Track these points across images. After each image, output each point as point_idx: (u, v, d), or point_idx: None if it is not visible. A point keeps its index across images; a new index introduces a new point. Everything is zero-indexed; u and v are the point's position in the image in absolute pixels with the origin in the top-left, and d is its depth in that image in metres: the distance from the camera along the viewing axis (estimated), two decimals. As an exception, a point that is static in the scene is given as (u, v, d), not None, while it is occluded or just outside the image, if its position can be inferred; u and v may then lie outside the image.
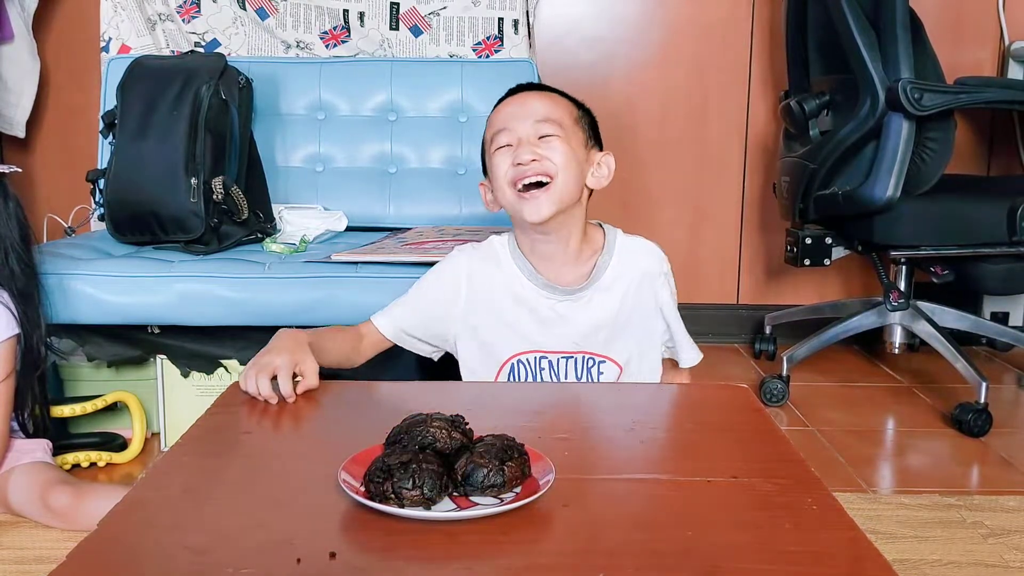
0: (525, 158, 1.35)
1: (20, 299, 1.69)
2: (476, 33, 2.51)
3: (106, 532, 0.82)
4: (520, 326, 1.43)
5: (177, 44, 2.49)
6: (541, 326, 1.42)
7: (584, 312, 1.42)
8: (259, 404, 1.14)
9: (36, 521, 1.62)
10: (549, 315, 1.42)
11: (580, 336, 1.42)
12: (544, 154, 1.35)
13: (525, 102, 1.41)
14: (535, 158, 1.34)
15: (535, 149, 1.35)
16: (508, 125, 1.38)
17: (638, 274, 1.44)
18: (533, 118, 1.37)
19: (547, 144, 1.36)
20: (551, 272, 1.42)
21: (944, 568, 1.49)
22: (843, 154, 2.17)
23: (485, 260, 1.47)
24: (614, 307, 1.42)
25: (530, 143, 1.36)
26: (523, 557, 0.78)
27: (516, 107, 1.40)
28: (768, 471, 0.95)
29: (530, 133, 1.37)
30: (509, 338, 1.44)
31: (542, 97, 1.42)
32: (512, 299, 1.43)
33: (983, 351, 2.75)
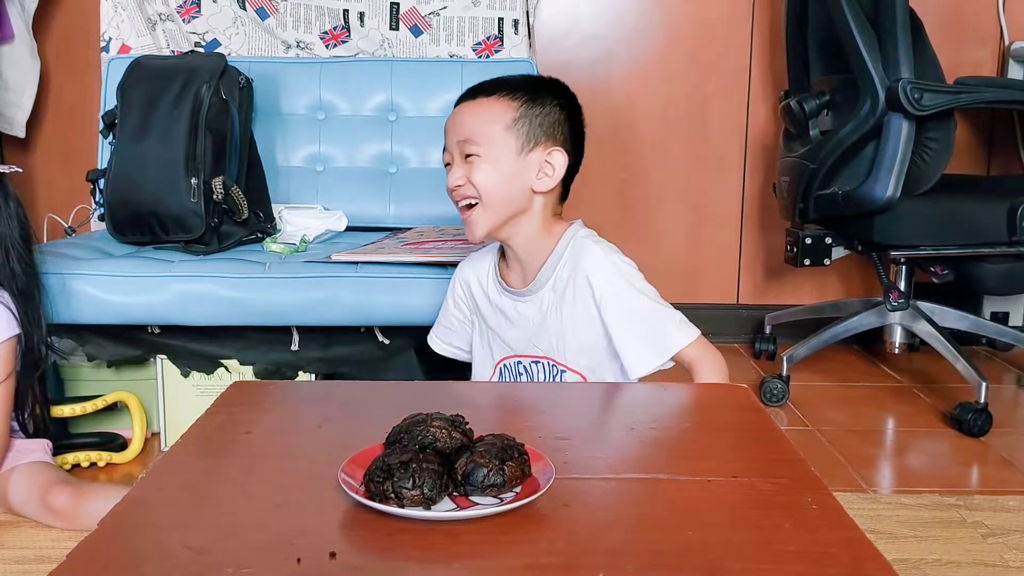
0: (449, 183, 1.38)
1: (21, 299, 1.69)
2: (476, 33, 2.51)
3: (106, 532, 0.82)
4: (498, 329, 1.47)
5: (177, 44, 2.49)
6: (510, 328, 1.46)
7: (527, 316, 1.44)
8: (259, 404, 1.14)
9: (36, 521, 1.62)
10: (513, 316, 1.45)
11: (534, 337, 1.44)
12: (469, 177, 1.35)
13: (456, 117, 1.40)
14: (460, 183, 1.36)
15: (463, 172, 1.36)
16: (446, 143, 1.40)
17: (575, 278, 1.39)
18: (457, 136, 1.37)
19: (469, 166, 1.36)
20: (514, 273, 1.46)
21: (944, 568, 1.49)
22: (843, 154, 2.17)
23: (477, 264, 1.51)
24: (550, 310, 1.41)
25: (459, 165, 1.37)
26: (523, 557, 0.78)
27: (451, 123, 1.40)
28: (768, 471, 0.95)
29: (458, 152, 1.37)
30: (495, 341, 1.48)
31: (470, 110, 1.39)
32: (490, 304, 1.48)
33: (983, 351, 2.75)
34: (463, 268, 1.54)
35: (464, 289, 1.53)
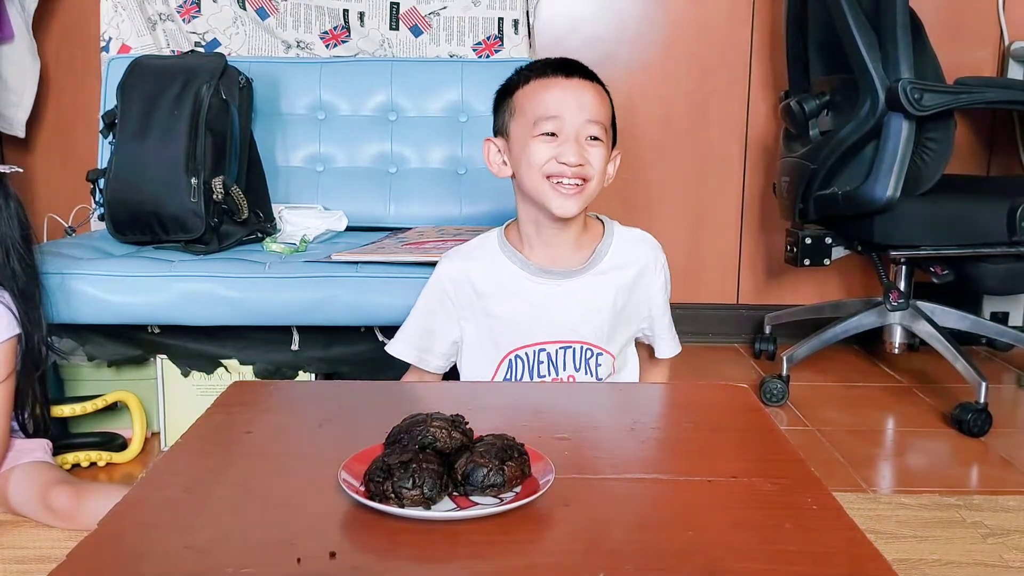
0: (571, 160, 1.33)
1: (21, 299, 1.69)
2: (476, 33, 2.51)
3: (106, 532, 0.82)
4: (512, 317, 1.42)
5: (177, 44, 2.49)
6: (536, 315, 1.42)
7: (579, 297, 1.42)
8: (259, 404, 1.14)
9: (36, 521, 1.62)
10: (543, 301, 1.41)
11: (576, 321, 1.42)
12: (587, 158, 1.34)
13: (579, 93, 1.37)
14: (580, 162, 1.34)
15: (581, 152, 1.34)
16: (560, 114, 1.35)
17: (635, 263, 1.44)
18: (585, 115, 1.35)
19: (591, 147, 1.35)
20: (547, 257, 1.42)
21: (944, 568, 1.49)
22: (843, 154, 2.17)
23: (467, 260, 1.47)
24: (610, 294, 1.42)
25: (578, 142, 1.34)
26: (523, 557, 0.78)
27: (570, 96, 1.36)
28: (768, 471, 0.95)
29: (580, 132, 1.35)
30: (505, 333, 1.43)
31: (595, 92, 1.38)
32: (503, 293, 1.43)
33: (983, 351, 2.75)
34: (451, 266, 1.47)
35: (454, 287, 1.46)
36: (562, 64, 1.40)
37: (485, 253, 1.46)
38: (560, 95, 1.36)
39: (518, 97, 1.40)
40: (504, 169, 1.43)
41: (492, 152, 1.44)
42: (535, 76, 1.40)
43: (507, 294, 1.43)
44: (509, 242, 1.45)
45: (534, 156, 1.35)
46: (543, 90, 1.38)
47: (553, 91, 1.37)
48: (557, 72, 1.38)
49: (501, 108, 1.44)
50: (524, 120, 1.38)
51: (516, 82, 1.42)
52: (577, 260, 1.43)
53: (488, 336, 1.44)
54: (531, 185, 1.37)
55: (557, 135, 1.35)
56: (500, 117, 1.44)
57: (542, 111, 1.36)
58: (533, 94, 1.38)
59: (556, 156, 1.34)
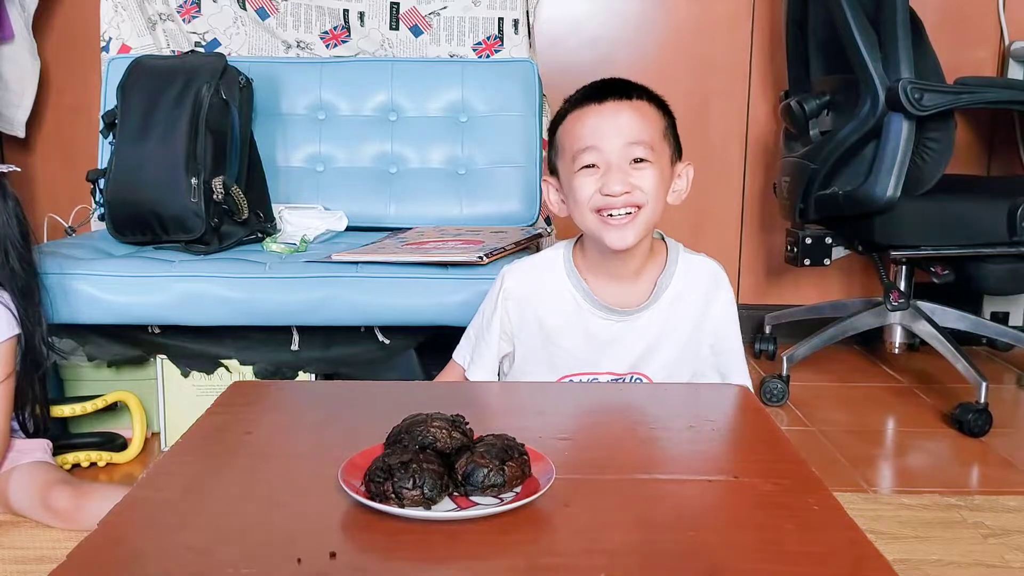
0: (616, 189, 1.27)
1: (21, 298, 1.69)
2: (476, 33, 2.51)
3: (106, 532, 0.82)
4: (572, 348, 1.38)
5: (177, 44, 2.48)
6: (595, 348, 1.38)
7: (641, 333, 1.37)
8: (259, 404, 1.14)
9: (36, 521, 1.62)
10: (605, 336, 1.37)
11: (636, 357, 1.38)
12: (635, 183, 1.28)
13: (615, 117, 1.30)
14: (627, 190, 1.27)
15: (626, 178, 1.27)
16: (597, 143, 1.28)
17: (697, 292, 1.38)
18: (624, 139, 1.28)
19: (638, 171, 1.28)
20: (611, 291, 1.37)
21: (945, 568, 1.49)
22: (843, 154, 2.17)
23: (534, 280, 1.41)
24: (673, 329, 1.37)
25: (620, 169, 1.28)
26: (523, 557, 0.78)
27: (605, 122, 1.30)
28: (768, 471, 0.95)
29: (621, 157, 1.28)
30: (561, 358, 1.39)
31: (633, 111, 1.31)
32: (565, 320, 1.38)
33: (983, 351, 2.74)
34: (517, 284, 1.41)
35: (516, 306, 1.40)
36: (597, 88, 1.34)
37: (553, 278, 1.39)
38: (594, 123, 1.30)
39: (560, 133, 1.35)
40: (563, 207, 1.38)
41: (551, 192, 1.39)
42: (572, 108, 1.34)
43: (570, 326, 1.38)
44: (576, 267, 1.39)
45: (579, 193, 1.30)
46: (578, 122, 1.32)
47: (587, 120, 1.31)
48: (590, 100, 1.32)
49: (551, 146, 1.39)
50: (566, 156, 1.33)
51: (560, 117, 1.37)
52: (641, 293, 1.37)
53: (544, 357, 1.40)
54: (583, 223, 1.32)
55: (598, 165, 1.29)
56: (551, 156, 1.39)
57: (579, 144, 1.30)
58: (571, 128, 1.33)
59: (601, 188, 1.28)
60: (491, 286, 1.45)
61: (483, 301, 1.46)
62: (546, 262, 1.42)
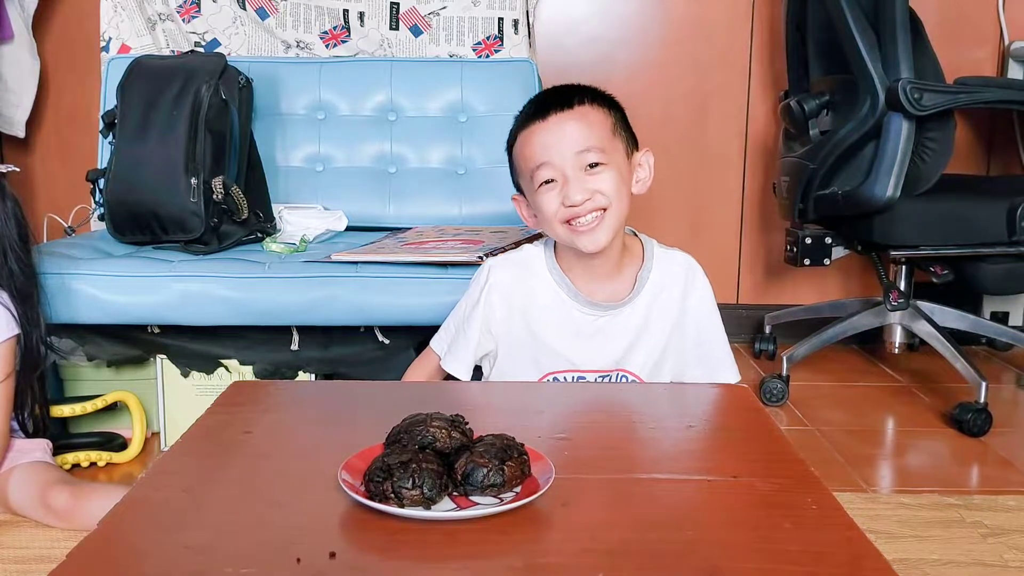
0: (577, 199, 1.29)
1: (19, 299, 1.69)
2: (476, 33, 2.51)
3: (106, 532, 0.82)
4: (556, 344, 1.39)
5: (177, 44, 2.48)
6: (579, 343, 1.39)
7: (625, 329, 1.39)
8: (259, 404, 1.14)
9: (36, 521, 1.62)
10: (589, 332, 1.38)
11: (620, 353, 1.39)
12: (594, 188, 1.30)
13: (561, 129, 1.32)
14: (587, 196, 1.30)
15: (585, 186, 1.30)
16: (548, 159, 1.31)
17: (675, 287, 1.40)
18: (574, 148, 1.30)
19: (594, 176, 1.31)
20: (591, 286, 1.39)
21: (944, 568, 1.49)
22: (843, 154, 2.17)
23: (518, 275, 1.42)
24: (655, 323, 1.39)
25: (577, 179, 1.30)
26: (523, 557, 0.78)
27: (552, 136, 1.32)
28: (768, 471, 0.95)
29: (574, 166, 1.30)
30: (545, 355, 1.40)
31: (577, 119, 1.33)
32: (549, 316, 1.39)
33: (983, 351, 2.75)
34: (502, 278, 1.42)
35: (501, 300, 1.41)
36: (539, 103, 1.37)
37: (536, 273, 1.41)
38: (542, 140, 1.33)
39: (514, 154, 1.38)
40: (533, 221, 1.40)
41: (522, 207, 1.42)
42: (519, 130, 1.37)
43: (554, 321, 1.39)
44: (558, 264, 1.40)
45: (544, 209, 1.32)
46: (527, 142, 1.35)
47: (534, 139, 1.34)
48: (534, 118, 1.35)
49: (511, 165, 1.41)
50: (524, 176, 1.36)
51: (511, 139, 1.39)
52: (622, 288, 1.39)
53: (527, 354, 1.41)
54: (554, 235, 1.35)
55: (555, 179, 1.31)
56: (513, 174, 1.42)
57: (532, 163, 1.33)
58: (521, 149, 1.36)
59: (563, 200, 1.30)
60: (473, 279, 1.46)
61: (464, 297, 1.47)
62: (529, 258, 1.43)
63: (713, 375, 1.42)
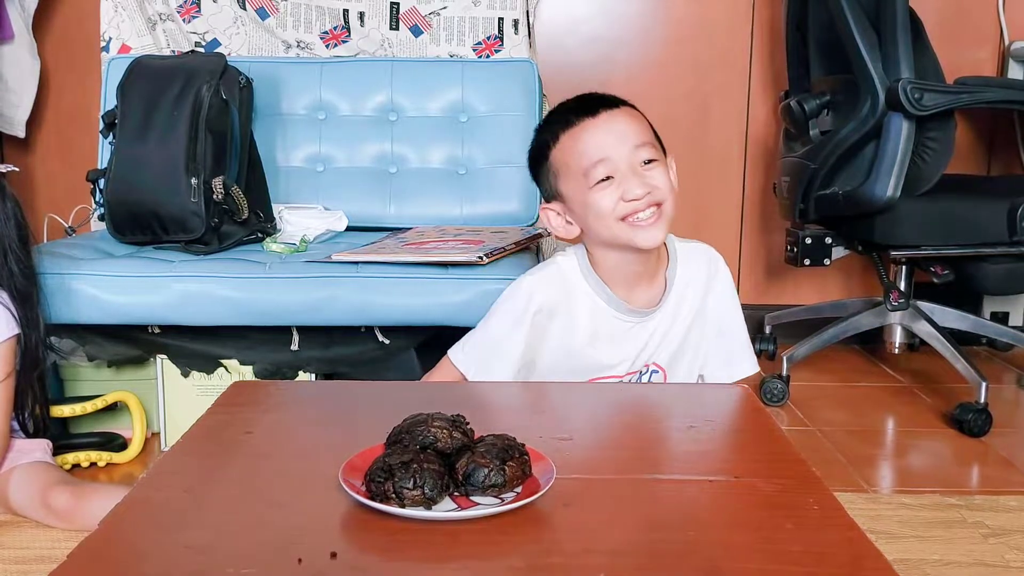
0: (638, 193, 1.30)
1: (19, 299, 1.69)
2: (476, 33, 2.51)
3: (107, 532, 0.82)
4: (594, 351, 1.39)
5: (177, 44, 2.48)
6: (614, 348, 1.39)
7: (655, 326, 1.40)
8: (259, 404, 1.14)
9: (37, 521, 1.62)
10: (628, 337, 1.40)
11: (651, 354, 1.41)
12: (652, 183, 1.31)
13: (614, 125, 1.33)
14: (647, 191, 1.30)
15: (643, 180, 1.30)
16: (606, 155, 1.31)
17: (698, 279, 1.43)
18: (630, 143, 1.31)
19: (650, 172, 1.32)
20: (629, 292, 1.39)
21: (945, 568, 1.49)
22: (843, 154, 2.17)
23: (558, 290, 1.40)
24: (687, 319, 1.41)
25: (636, 173, 1.31)
26: (523, 557, 0.78)
27: (607, 133, 1.32)
28: (768, 471, 0.95)
29: (632, 162, 1.31)
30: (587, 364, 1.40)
31: (627, 116, 1.35)
32: (590, 327, 1.39)
33: (983, 351, 2.74)
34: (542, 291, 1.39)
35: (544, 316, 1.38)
36: (582, 105, 1.36)
37: (574, 284, 1.40)
38: (597, 137, 1.32)
39: (555, 157, 1.36)
40: (571, 229, 1.39)
41: (552, 218, 1.40)
42: (562, 130, 1.35)
43: (593, 330, 1.39)
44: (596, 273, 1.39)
45: (601, 207, 1.32)
46: (578, 140, 1.34)
47: (588, 137, 1.33)
48: (582, 116, 1.34)
49: (542, 174, 1.40)
50: (573, 176, 1.34)
51: (546, 143, 1.38)
52: (656, 290, 1.41)
53: (565, 364, 1.40)
54: (609, 235, 1.34)
55: (612, 176, 1.31)
56: (545, 182, 1.40)
57: (587, 161, 1.32)
58: (571, 148, 1.34)
59: (621, 196, 1.31)
60: (507, 301, 1.41)
61: (496, 314, 1.42)
62: (564, 270, 1.41)
63: (732, 364, 1.46)
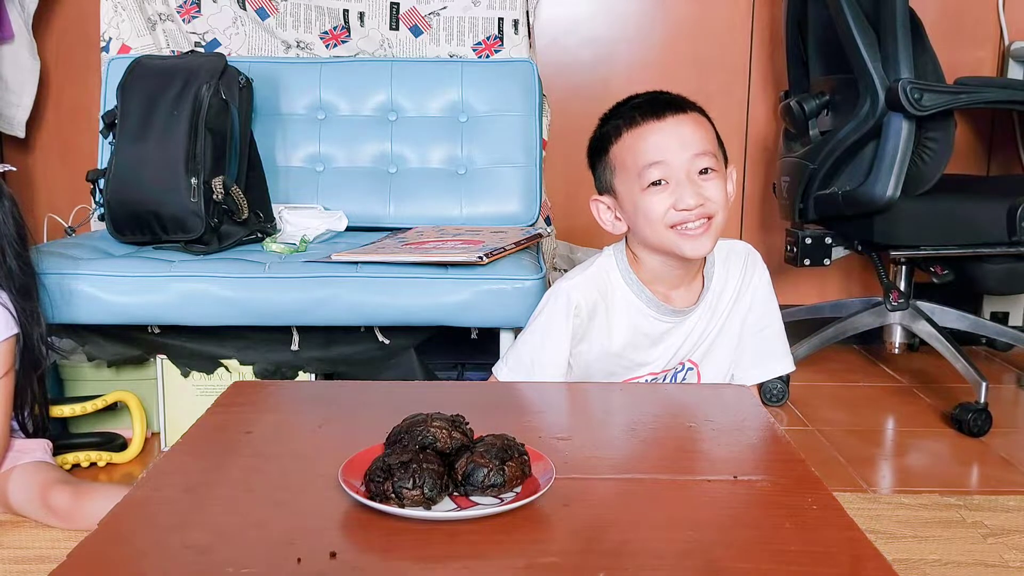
0: (690, 203, 1.29)
1: (19, 298, 1.69)
2: (476, 33, 2.51)
3: (107, 532, 0.82)
4: (635, 352, 1.40)
5: (177, 44, 2.48)
6: (658, 350, 1.40)
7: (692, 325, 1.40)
8: (259, 404, 1.14)
9: (36, 521, 1.62)
10: (667, 338, 1.40)
11: (688, 351, 1.41)
12: (705, 195, 1.30)
13: (678, 130, 1.32)
14: (700, 202, 1.30)
15: (698, 191, 1.30)
16: (664, 159, 1.30)
17: (735, 277, 1.43)
18: (690, 152, 1.30)
19: (706, 182, 1.31)
20: (669, 293, 1.40)
21: (944, 568, 1.49)
22: (843, 154, 2.17)
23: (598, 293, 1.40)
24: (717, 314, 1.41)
25: (691, 182, 1.30)
26: (523, 557, 0.78)
27: (669, 137, 1.31)
28: (768, 471, 0.95)
29: (689, 170, 1.30)
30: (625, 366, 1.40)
31: (693, 124, 1.33)
32: (629, 328, 1.39)
33: (983, 351, 2.74)
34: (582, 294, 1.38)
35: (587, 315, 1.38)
36: (650, 105, 1.35)
37: (614, 286, 1.40)
38: (658, 140, 1.31)
39: (615, 153, 1.36)
40: (619, 225, 1.39)
41: (603, 211, 1.40)
42: (626, 127, 1.34)
43: (635, 332, 1.39)
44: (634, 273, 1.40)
45: (651, 211, 1.31)
46: (639, 140, 1.33)
47: (649, 137, 1.32)
48: (648, 116, 1.33)
49: (600, 166, 1.39)
50: (628, 175, 1.34)
51: (608, 136, 1.37)
52: (694, 290, 1.41)
53: (604, 366, 1.41)
54: (656, 239, 1.33)
55: (668, 181, 1.31)
56: (602, 175, 1.39)
57: (644, 160, 1.31)
58: (631, 147, 1.33)
59: (673, 204, 1.30)
60: (546, 307, 1.41)
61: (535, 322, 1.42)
62: (603, 272, 1.41)
63: (767, 363, 1.46)
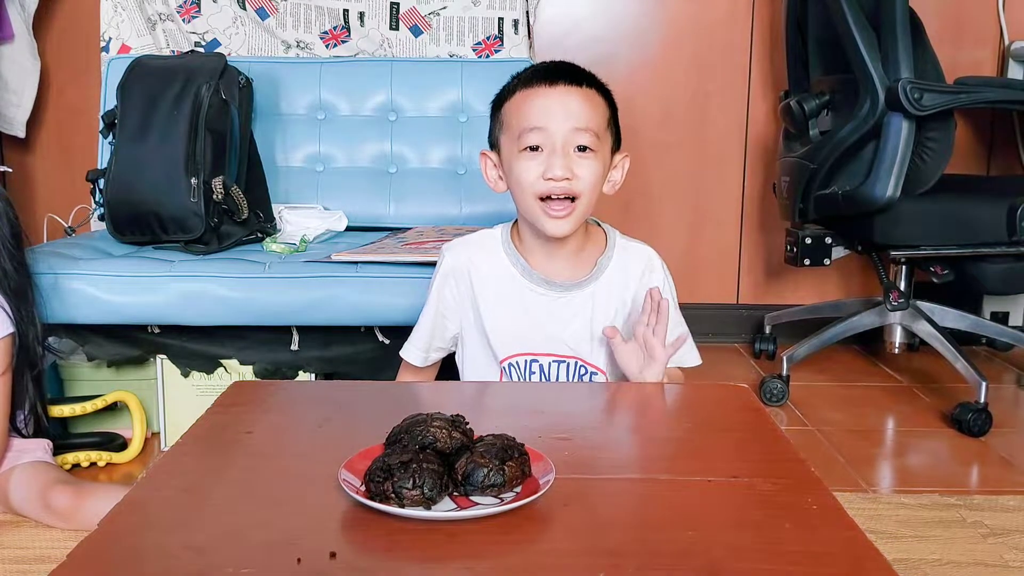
0: (557, 174, 1.28)
1: (14, 298, 1.69)
2: (476, 33, 2.51)
3: (106, 532, 0.82)
4: (507, 324, 1.39)
5: (177, 44, 2.49)
6: (530, 324, 1.38)
7: (577, 312, 1.38)
8: (259, 404, 1.14)
9: (36, 521, 1.62)
10: (539, 312, 1.38)
11: (572, 337, 1.38)
12: (576, 172, 1.29)
13: (565, 100, 1.30)
14: (567, 176, 1.28)
15: (569, 164, 1.28)
16: (544, 125, 1.29)
17: (636, 276, 1.40)
18: (572, 124, 1.29)
19: (580, 159, 1.29)
20: (548, 267, 1.38)
21: (944, 568, 1.49)
22: (843, 154, 2.17)
23: (472, 255, 1.41)
24: (611, 309, 1.39)
25: (564, 154, 1.28)
26: (523, 557, 0.78)
27: (554, 104, 1.30)
28: (768, 471, 0.95)
29: (566, 142, 1.29)
30: (500, 337, 1.40)
31: (583, 98, 1.31)
32: (500, 295, 1.39)
33: (983, 351, 2.75)
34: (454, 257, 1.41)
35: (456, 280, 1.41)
36: (548, 70, 1.34)
37: (488, 249, 1.41)
38: (543, 104, 1.30)
39: (506, 110, 1.35)
40: (500, 184, 1.39)
41: (488, 167, 1.40)
42: (521, 86, 1.34)
43: (503, 297, 1.39)
44: (514, 244, 1.40)
45: (522, 175, 1.31)
46: (526, 101, 1.32)
47: (536, 101, 1.31)
48: (541, 81, 1.32)
49: (494, 120, 1.39)
50: (511, 135, 1.33)
51: (505, 93, 1.37)
52: (579, 273, 1.38)
53: (483, 338, 1.41)
54: (524, 207, 1.34)
55: (543, 148, 1.29)
56: (493, 130, 1.39)
57: (525, 123, 1.30)
58: (518, 106, 1.32)
59: (543, 172, 1.29)
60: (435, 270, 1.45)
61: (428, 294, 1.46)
62: (483, 238, 1.43)
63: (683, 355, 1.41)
